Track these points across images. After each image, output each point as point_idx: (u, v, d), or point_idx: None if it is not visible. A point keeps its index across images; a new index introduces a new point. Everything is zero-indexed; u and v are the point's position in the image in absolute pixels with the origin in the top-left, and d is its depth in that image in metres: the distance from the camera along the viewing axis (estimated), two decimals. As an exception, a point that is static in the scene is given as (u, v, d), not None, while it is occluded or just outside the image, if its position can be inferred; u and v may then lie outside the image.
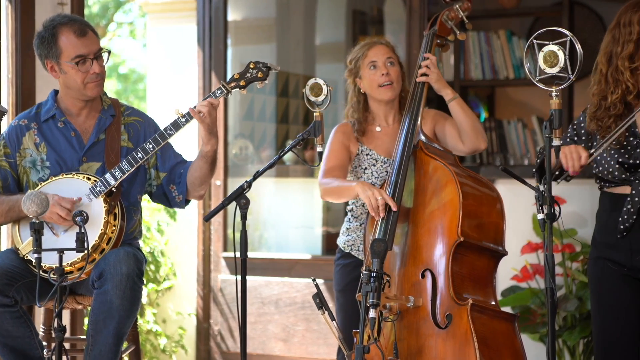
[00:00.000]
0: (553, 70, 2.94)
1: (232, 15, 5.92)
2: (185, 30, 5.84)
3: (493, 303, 3.43)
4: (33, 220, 3.12)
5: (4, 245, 4.43)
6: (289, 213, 6.16)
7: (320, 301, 3.28)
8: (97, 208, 3.42)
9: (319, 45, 6.79)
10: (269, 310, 5.44)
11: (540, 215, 3.00)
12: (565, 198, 4.70)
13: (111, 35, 12.17)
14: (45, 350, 3.41)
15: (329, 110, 3.52)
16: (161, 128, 3.52)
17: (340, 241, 3.82)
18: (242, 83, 3.51)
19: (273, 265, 5.53)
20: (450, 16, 3.81)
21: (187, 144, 5.39)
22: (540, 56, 2.95)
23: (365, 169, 3.73)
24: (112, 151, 3.55)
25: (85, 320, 4.74)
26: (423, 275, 3.39)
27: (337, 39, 6.76)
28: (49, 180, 3.48)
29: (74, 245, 3.19)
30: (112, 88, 12.41)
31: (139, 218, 3.66)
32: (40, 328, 3.69)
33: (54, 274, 3.15)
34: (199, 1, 5.66)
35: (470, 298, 3.32)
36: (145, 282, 5.38)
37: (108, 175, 3.45)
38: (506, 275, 4.92)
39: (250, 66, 3.52)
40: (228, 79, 3.54)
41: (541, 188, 3.00)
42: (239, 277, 3.29)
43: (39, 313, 3.85)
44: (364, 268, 3.29)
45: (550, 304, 2.93)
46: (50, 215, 3.35)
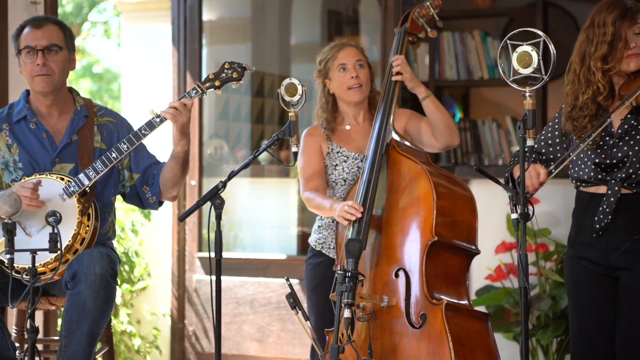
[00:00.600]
0: (527, 71, 2.95)
1: (207, 15, 5.91)
2: (159, 30, 5.82)
3: (466, 302, 3.45)
4: (5, 220, 3.10)
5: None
6: (264, 213, 6.15)
7: (293, 301, 3.28)
8: (71, 208, 3.40)
9: (294, 45, 6.78)
10: (244, 311, 5.43)
11: (514, 215, 3.01)
12: (539, 198, 4.73)
13: (85, 34, 12.10)
14: (17, 351, 3.39)
15: (304, 110, 3.52)
16: (135, 128, 3.50)
17: (312, 240, 3.83)
18: (217, 83, 3.51)
19: (248, 265, 5.52)
20: (422, 13, 3.83)
21: (162, 145, 5.37)
22: (514, 57, 2.96)
23: (336, 165, 3.74)
24: (85, 152, 3.53)
25: (59, 321, 4.71)
26: (396, 275, 3.40)
27: (313, 39, 6.76)
28: (22, 180, 3.45)
29: (47, 245, 3.16)
30: (86, 87, 12.34)
31: (112, 219, 3.64)
32: (12, 329, 3.66)
33: (26, 275, 3.13)
34: (173, 1, 5.64)
35: (444, 298, 3.34)
36: (119, 283, 5.36)
37: (82, 176, 3.43)
38: (480, 274, 4.94)
39: (226, 66, 3.51)
40: (203, 79, 3.53)
41: (515, 188, 3.02)
42: (214, 278, 3.28)
43: (12, 314, 3.82)
44: (338, 267, 3.30)
45: (523, 303, 2.94)
46: None
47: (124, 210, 5.56)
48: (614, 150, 3.23)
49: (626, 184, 3.21)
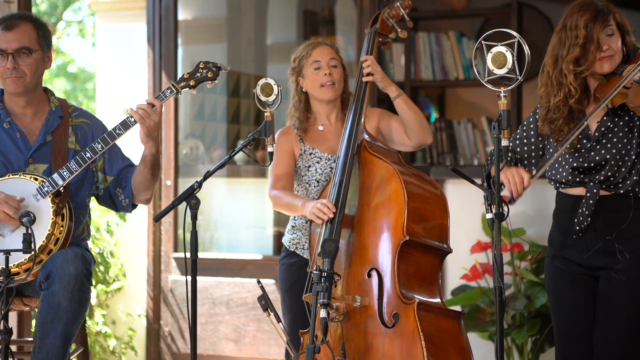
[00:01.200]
0: (501, 71, 2.96)
1: (183, 15, 5.89)
2: (135, 29, 5.79)
3: (439, 301, 3.46)
4: (-22, 221, 3.08)
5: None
6: (240, 213, 6.14)
7: (265, 303, 3.29)
8: (45, 208, 3.38)
9: (270, 45, 6.78)
10: (220, 311, 5.42)
11: (489, 215, 3.02)
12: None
13: (60, 33, 12.03)
14: (-9, 353, 3.36)
15: (280, 110, 3.52)
16: (110, 128, 3.48)
17: (286, 239, 3.83)
18: (192, 83, 3.50)
19: (224, 265, 5.51)
20: (392, 14, 3.84)
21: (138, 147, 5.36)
22: (489, 57, 2.97)
23: (309, 167, 3.74)
24: (60, 153, 3.50)
25: (33, 322, 4.68)
26: (369, 275, 3.41)
27: (288, 39, 6.75)
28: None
29: (20, 246, 3.14)
30: (61, 87, 12.27)
31: (87, 220, 3.62)
32: (-14, 330, 3.63)
33: (0, 276, 3.11)
34: (148, 0, 5.62)
35: (416, 297, 3.35)
36: (94, 283, 5.33)
37: (56, 176, 3.41)
38: (456, 274, 4.96)
39: (200, 66, 3.50)
40: (178, 79, 3.52)
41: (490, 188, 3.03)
42: (190, 278, 3.27)
43: (-15, 315, 3.79)
44: (314, 267, 3.30)
45: (498, 302, 2.95)
46: None
47: (99, 211, 5.53)
48: (592, 153, 3.24)
49: (604, 185, 3.23)
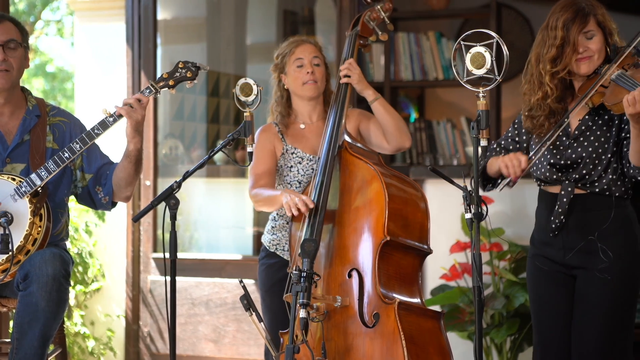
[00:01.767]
0: (480, 72, 2.98)
1: (162, 14, 5.87)
2: (114, 29, 5.77)
3: (419, 301, 3.47)
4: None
5: None
6: (220, 213, 6.13)
7: (247, 303, 3.28)
8: (22, 209, 3.36)
9: (250, 45, 6.78)
10: (200, 311, 5.41)
11: (467, 215, 3.03)
12: (493, 198, 4.77)
13: (38, 33, 11.96)
14: (-32, 354, 3.34)
15: (259, 110, 3.51)
16: (88, 128, 3.47)
17: (265, 239, 3.82)
18: (171, 82, 3.49)
19: (203, 265, 5.50)
20: (372, 17, 3.85)
21: (116, 146, 5.34)
22: (468, 58, 2.98)
23: (291, 167, 3.74)
24: (37, 152, 3.49)
25: (11, 323, 4.65)
26: (350, 275, 3.42)
27: (268, 39, 6.75)
28: None
29: (-2, 246, 3.13)
30: (40, 87, 12.20)
31: (65, 220, 3.61)
32: (-37, 332, 3.62)
33: (-23, 277, 3.09)
34: (127, 0, 5.60)
35: (397, 297, 3.36)
36: (72, 284, 5.31)
37: (34, 176, 3.39)
38: (435, 274, 4.97)
39: (179, 65, 3.49)
40: (157, 79, 3.51)
41: (469, 187, 3.04)
42: (169, 278, 3.26)
43: (-38, 316, 3.77)
44: (294, 268, 3.30)
45: (477, 302, 2.96)
46: None
47: (78, 211, 5.51)
48: (569, 151, 3.26)
49: (580, 184, 3.25)
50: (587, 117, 3.26)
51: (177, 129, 6.19)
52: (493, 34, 2.98)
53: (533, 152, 3.28)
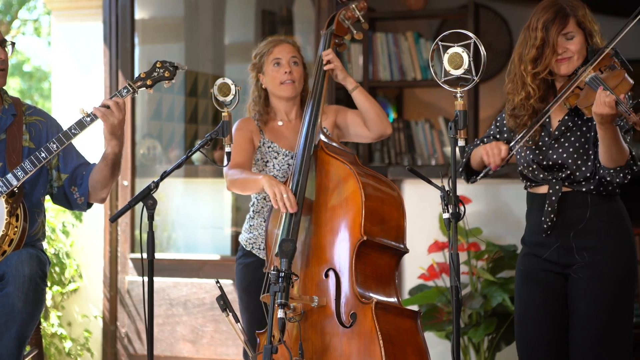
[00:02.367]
0: (458, 72, 2.99)
1: (140, 14, 5.85)
2: (91, 28, 5.74)
3: (396, 300, 3.48)
4: None
5: None
6: (198, 213, 6.11)
7: (224, 303, 3.28)
8: (-1, 209, 3.34)
9: (228, 45, 6.76)
10: (177, 312, 5.40)
11: (445, 215, 3.04)
12: (471, 198, 4.79)
13: (15, 32, 11.89)
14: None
15: (237, 110, 3.51)
16: (65, 128, 3.45)
17: (242, 239, 3.82)
18: (149, 82, 3.48)
19: (181, 266, 5.49)
20: (347, 15, 3.86)
21: (93, 146, 5.31)
22: (445, 58, 2.99)
23: (267, 162, 3.75)
24: (14, 151, 3.46)
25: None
26: (326, 275, 3.42)
27: (246, 38, 6.74)
28: None
29: (-27, 247, 3.10)
30: (16, 86, 12.13)
31: (42, 220, 3.59)
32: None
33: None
34: (105, -1, 5.58)
35: (374, 296, 3.37)
36: (49, 285, 5.27)
37: (10, 176, 3.37)
38: (413, 274, 4.98)
39: (157, 65, 3.48)
40: (134, 78, 3.50)
41: (446, 188, 3.05)
42: (146, 279, 3.25)
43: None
44: (271, 267, 3.30)
45: (455, 301, 2.97)
46: None
47: (55, 211, 5.48)
48: (550, 152, 3.28)
49: (567, 183, 3.26)
50: (567, 118, 3.28)
51: (155, 129, 6.17)
52: (470, 34, 3.00)
53: (514, 142, 3.30)
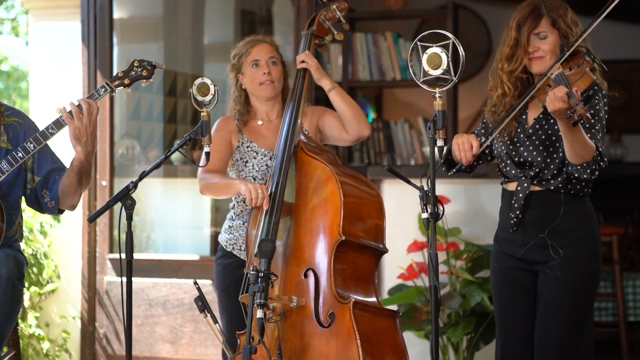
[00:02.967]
0: (436, 72, 2.99)
1: (118, 13, 5.82)
2: (69, 28, 5.71)
3: (375, 300, 3.48)
4: None
5: None
6: (177, 214, 6.10)
7: (202, 304, 3.27)
8: (-24, 209, 3.32)
9: (207, 44, 6.75)
10: (156, 312, 5.38)
11: (424, 215, 3.05)
12: (450, 197, 4.80)
13: (-8, 31, 11.81)
14: None
15: (216, 110, 3.50)
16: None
17: (222, 239, 3.81)
18: (127, 81, 3.46)
19: (160, 266, 5.47)
20: (328, 16, 3.86)
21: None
22: (424, 58, 3.00)
23: (247, 162, 3.74)
24: (-9, 152, 3.44)
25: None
26: (305, 275, 3.42)
27: (226, 38, 6.73)
28: None
29: (-50, 248, 3.08)
30: (-6, 86, 12.05)
31: (19, 221, 3.56)
32: None
33: None
34: (83, -2, 5.55)
35: (352, 296, 3.37)
36: (26, 285, 5.24)
37: (-13, 176, 3.34)
38: (393, 273, 4.99)
39: (135, 64, 3.47)
40: (112, 77, 3.48)
41: (425, 188, 3.06)
42: (125, 279, 3.24)
43: None
44: (251, 268, 3.29)
45: (434, 301, 2.98)
46: None
47: (33, 212, 5.44)
48: (522, 148, 3.31)
49: (536, 181, 3.28)
50: (541, 117, 3.30)
51: (134, 129, 6.15)
52: (449, 34, 3.00)
53: (485, 138, 3.31)
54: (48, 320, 5.60)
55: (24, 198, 3.62)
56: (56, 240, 5.61)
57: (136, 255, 3.28)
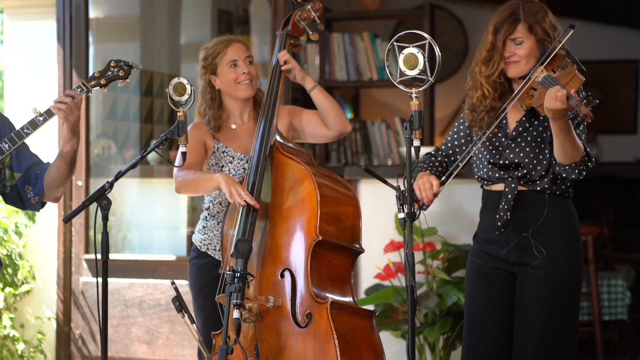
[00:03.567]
0: (413, 73, 3.00)
1: (94, 12, 5.80)
2: (44, 27, 5.68)
3: (351, 300, 3.49)
4: None
5: None
6: (153, 214, 6.07)
7: (179, 304, 3.26)
8: (-51, 210, 3.29)
9: (184, 44, 6.73)
10: (132, 313, 5.36)
11: (401, 215, 3.05)
12: (426, 197, 4.80)
13: (-33, 30, 11.72)
14: None
15: (193, 110, 3.49)
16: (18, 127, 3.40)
17: (196, 239, 3.80)
18: (103, 81, 3.45)
19: (136, 266, 5.45)
20: (303, 16, 3.85)
21: (47, 145, 5.26)
22: (401, 58, 3.00)
23: (222, 167, 3.73)
24: (-34, 151, 3.41)
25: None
26: (282, 275, 3.42)
27: (203, 38, 6.71)
28: None
29: None
30: (-32, 85, 11.95)
31: (-6, 220, 3.54)
32: None
33: None
34: (58, -3, 5.52)
35: (329, 296, 3.37)
36: (1, 286, 5.21)
37: (-39, 176, 3.32)
38: (370, 273, 5.00)
39: (111, 64, 3.45)
40: (88, 77, 3.46)
41: (402, 187, 3.06)
42: (100, 280, 3.22)
43: None
44: (227, 268, 3.28)
45: (410, 301, 2.98)
46: None
47: (7, 212, 5.41)
48: (507, 151, 3.31)
49: (522, 181, 3.30)
50: (524, 119, 3.31)
51: (110, 129, 6.12)
52: (425, 35, 3.01)
53: (445, 176, 3.31)
54: (23, 321, 5.56)
55: (3, 196, 3.59)
56: (31, 241, 5.57)
57: (112, 256, 3.26)
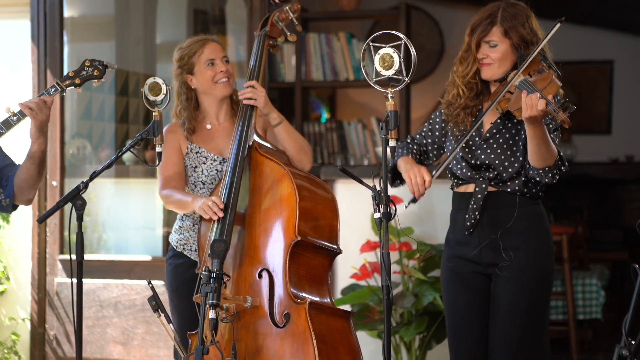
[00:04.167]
0: (389, 73, 3.01)
1: (69, 12, 5.76)
2: (18, 26, 5.64)
3: (329, 300, 3.50)
4: None
5: None
6: (129, 214, 6.05)
7: (156, 304, 3.25)
8: None
9: (160, 44, 6.70)
10: (108, 314, 5.33)
11: (377, 215, 3.06)
12: (402, 197, 4.81)
13: (-60, 29, 11.62)
14: None
15: (168, 109, 3.48)
16: (-9, 127, 3.38)
17: (173, 239, 3.79)
18: (78, 81, 3.43)
19: (112, 267, 5.42)
20: (281, 17, 3.85)
21: (20, 147, 5.23)
22: (376, 59, 3.01)
23: (196, 167, 3.72)
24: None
25: None
26: (260, 275, 3.42)
27: (178, 37, 6.68)
28: None
29: None
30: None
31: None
32: None
33: None
34: (33, -4, 5.48)
35: (307, 296, 3.38)
36: (-25, 287, 5.17)
37: None
38: (346, 273, 5.00)
39: (86, 64, 3.44)
40: (63, 77, 3.45)
41: (378, 187, 3.06)
42: (75, 280, 3.21)
43: None
44: (203, 268, 3.28)
45: (386, 301, 2.99)
46: None
47: (-19, 212, 5.37)
48: (479, 152, 3.33)
49: (493, 182, 3.31)
50: (499, 121, 3.33)
51: (85, 129, 6.09)
52: (401, 35, 3.02)
53: (436, 170, 3.32)
54: (-3, 322, 5.53)
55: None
56: (5, 241, 5.54)
57: (87, 256, 3.25)
